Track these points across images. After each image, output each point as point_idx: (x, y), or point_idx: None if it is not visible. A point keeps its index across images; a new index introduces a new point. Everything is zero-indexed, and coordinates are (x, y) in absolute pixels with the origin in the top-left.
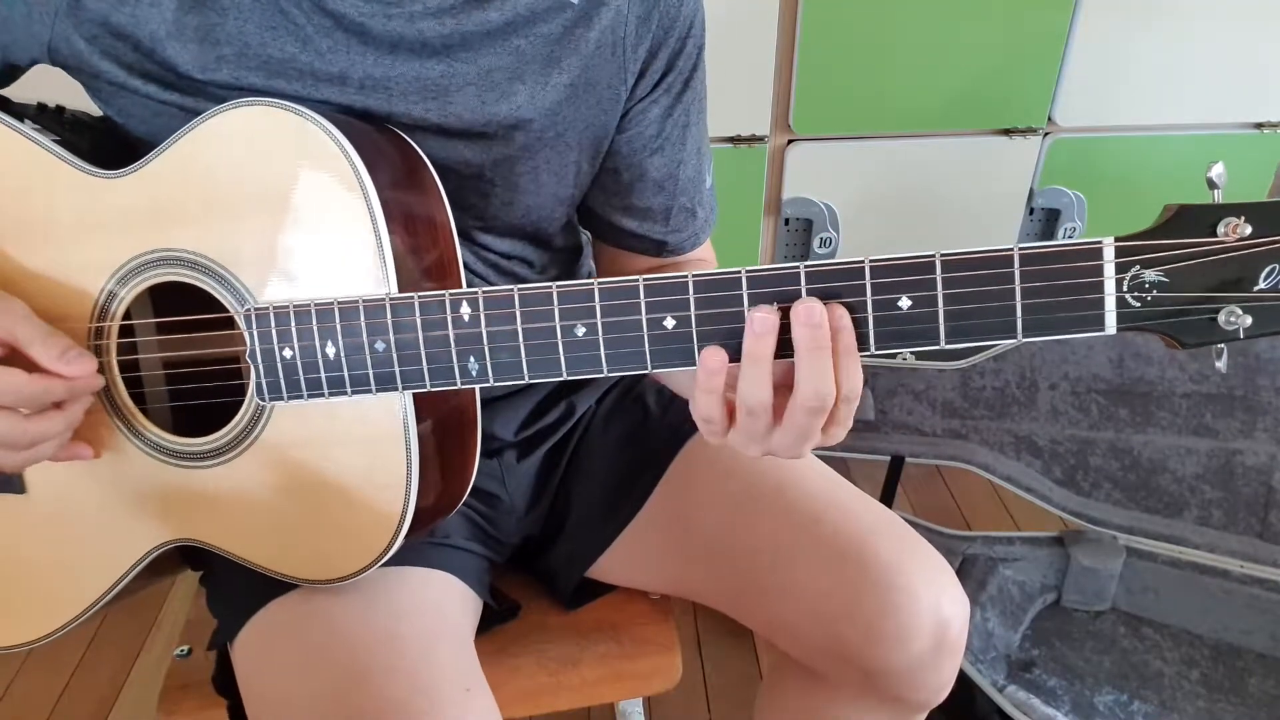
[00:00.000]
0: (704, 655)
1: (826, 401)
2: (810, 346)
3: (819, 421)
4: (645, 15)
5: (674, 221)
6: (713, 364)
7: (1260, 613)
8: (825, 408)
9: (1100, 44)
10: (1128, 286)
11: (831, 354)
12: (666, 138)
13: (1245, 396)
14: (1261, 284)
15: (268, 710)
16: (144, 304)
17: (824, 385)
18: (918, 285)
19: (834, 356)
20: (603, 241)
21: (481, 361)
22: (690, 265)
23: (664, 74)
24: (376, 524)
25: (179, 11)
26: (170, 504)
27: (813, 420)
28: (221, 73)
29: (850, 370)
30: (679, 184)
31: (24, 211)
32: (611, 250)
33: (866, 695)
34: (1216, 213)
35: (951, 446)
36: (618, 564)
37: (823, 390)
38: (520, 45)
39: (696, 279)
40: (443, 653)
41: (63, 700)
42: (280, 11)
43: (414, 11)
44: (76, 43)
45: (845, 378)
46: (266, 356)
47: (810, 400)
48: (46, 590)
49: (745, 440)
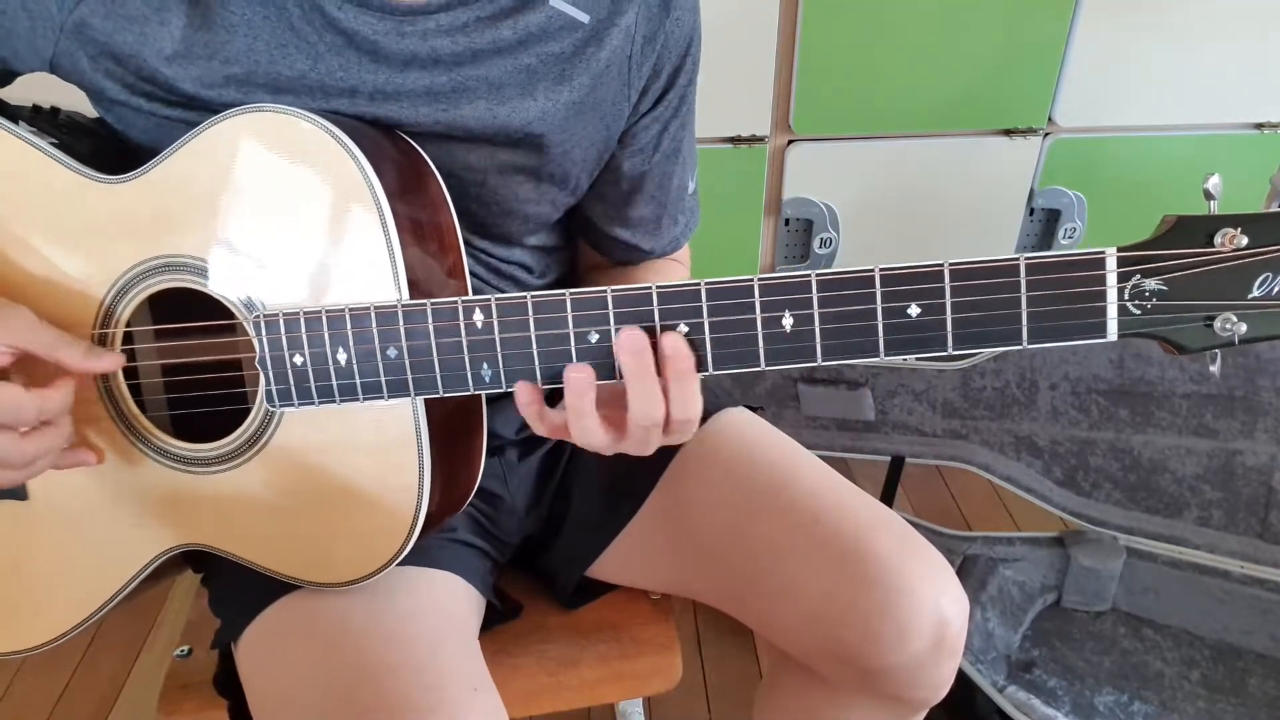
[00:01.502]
0: (704, 655)
1: (656, 421)
2: (635, 373)
3: (656, 433)
4: (651, 35)
5: (662, 229)
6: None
7: (1260, 613)
8: (657, 425)
9: (1100, 44)
10: (1129, 295)
11: (661, 378)
12: (664, 151)
13: (1245, 397)
14: (1256, 292)
15: (272, 710)
16: (145, 311)
17: (653, 409)
18: (926, 293)
19: (665, 380)
20: (592, 248)
21: (495, 368)
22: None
23: (665, 91)
24: (388, 527)
25: (188, 29)
26: (178, 509)
27: (649, 434)
28: (229, 90)
29: (681, 395)
30: (669, 194)
31: (24, 217)
32: (595, 254)
33: (866, 694)
34: (1214, 223)
35: (952, 447)
36: (618, 563)
37: (652, 413)
38: (531, 63)
39: (710, 286)
40: (449, 652)
41: (63, 700)
42: (291, 29)
43: (427, 29)
44: (80, 60)
45: (676, 402)
46: (276, 363)
47: (642, 420)
48: (50, 596)
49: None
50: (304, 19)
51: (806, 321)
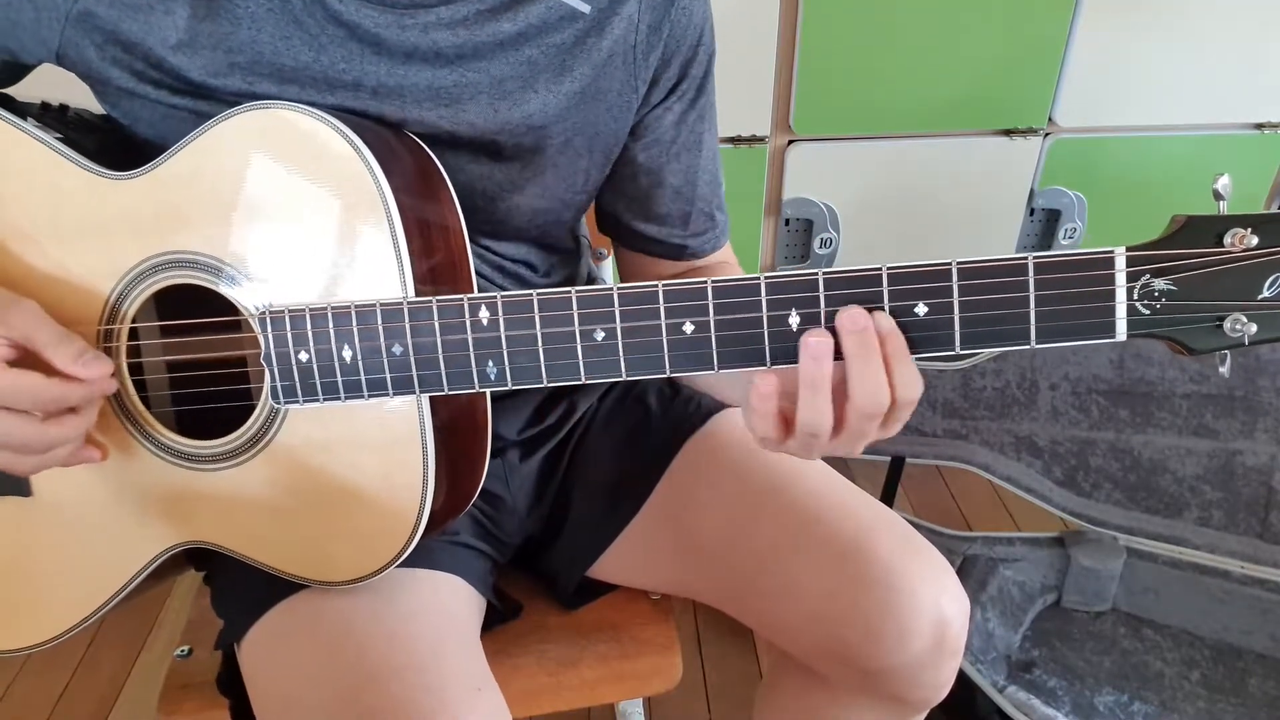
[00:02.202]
0: (704, 655)
1: (882, 407)
2: (859, 353)
3: (875, 424)
4: (656, 24)
5: (693, 226)
6: (765, 389)
7: (1260, 613)
8: (881, 412)
9: (1101, 44)
10: (1138, 295)
11: (883, 359)
12: (683, 144)
13: (1246, 397)
14: (1266, 293)
15: (276, 710)
16: (151, 307)
17: (879, 392)
18: (934, 292)
19: (885, 361)
20: (625, 247)
21: (500, 366)
22: (713, 268)
23: (677, 82)
24: (392, 526)
25: (192, 19)
26: (182, 506)
27: (869, 424)
28: (234, 79)
29: (903, 374)
30: (697, 190)
31: (32, 213)
32: (633, 255)
33: (866, 694)
34: (1224, 223)
35: (952, 447)
36: (618, 564)
37: (879, 397)
38: (533, 55)
39: (715, 285)
40: (452, 653)
41: (63, 700)
42: (294, 21)
43: (428, 22)
44: (86, 50)
45: (900, 382)
46: (282, 360)
47: (868, 407)
48: (53, 593)
49: (803, 451)
50: (306, 11)
51: (813, 320)
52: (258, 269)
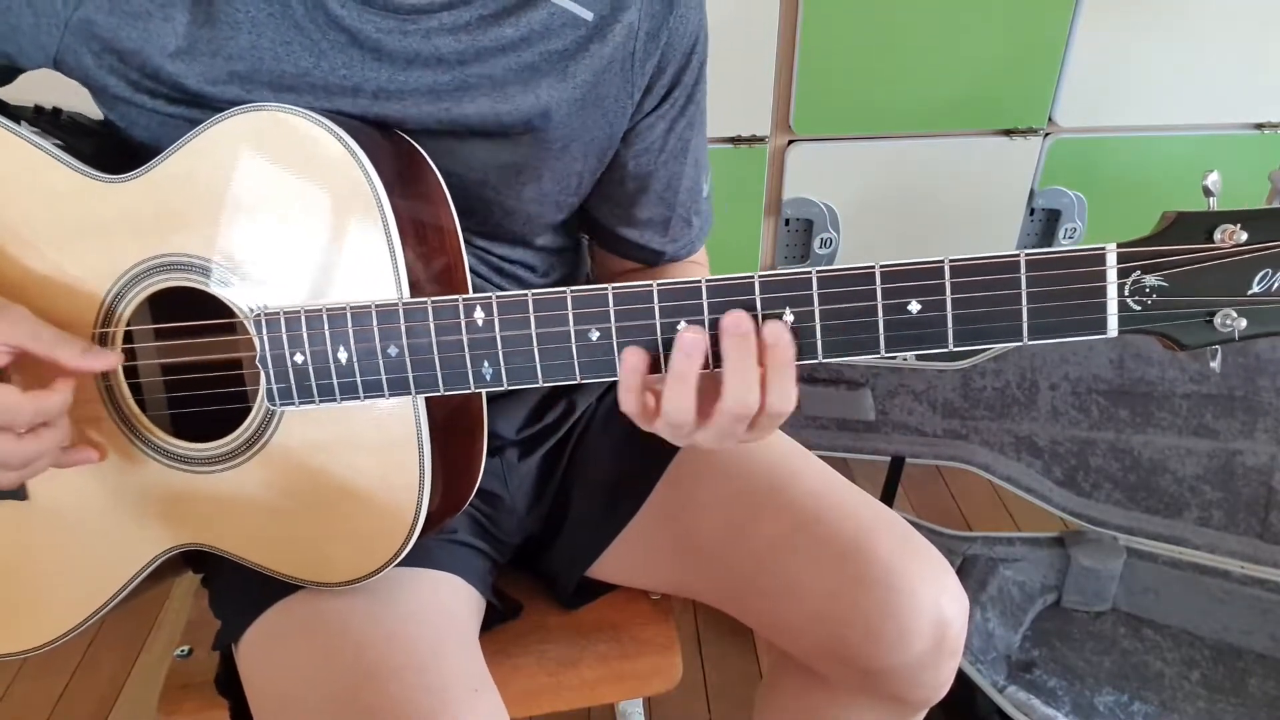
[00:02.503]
0: (704, 655)
1: (750, 410)
2: (735, 356)
3: (742, 425)
4: (654, 32)
5: (672, 231)
6: (631, 362)
7: (1261, 613)
8: (748, 415)
9: (1101, 44)
10: (1129, 291)
11: (760, 366)
12: (671, 151)
13: (1245, 397)
14: (1255, 287)
15: (274, 711)
16: (146, 310)
17: (748, 395)
18: (927, 290)
19: (763, 370)
20: (603, 248)
21: (495, 366)
22: (685, 268)
23: (670, 89)
24: (389, 526)
25: (191, 26)
26: (178, 509)
27: (736, 424)
28: (231, 87)
29: (778, 386)
30: (678, 196)
31: (26, 217)
32: (609, 257)
33: (866, 694)
34: (1214, 219)
35: (952, 447)
36: (618, 563)
37: (748, 400)
38: (534, 60)
39: (710, 284)
40: (450, 653)
41: (63, 700)
42: (295, 26)
43: (430, 28)
44: (83, 57)
45: (773, 393)
46: (277, 361)
47: (735, 409)
48: (50, 596)
49: (670, 435)
50: (307, 16)
51: (807, 318)
52: (252, 271)
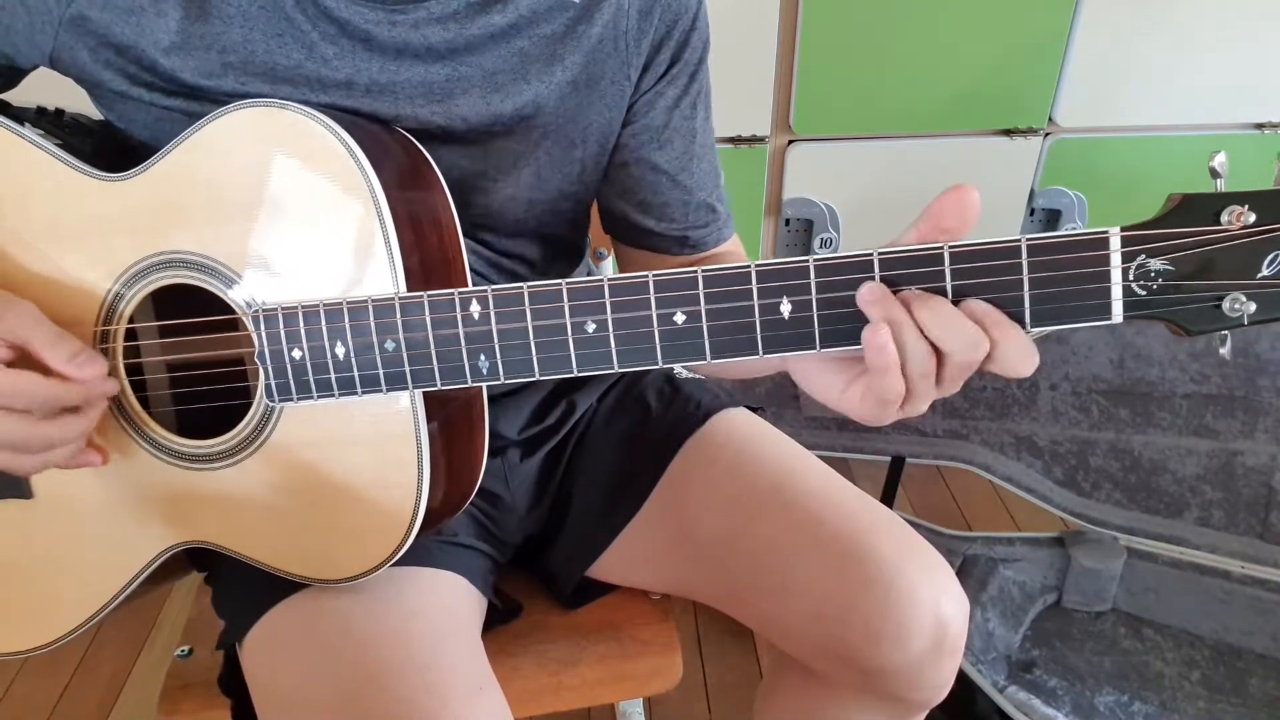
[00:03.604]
0: (704, 655)
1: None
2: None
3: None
4: (647, 9)
5: (693, 217)
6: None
7: (1261, 614)
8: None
9: (1101, 44)
10: (1134, 275)
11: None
12: (675, 129)
13: (1246, 397)
14: (1265, 271)
15: (278, 710)
16: (147, 307)
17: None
18: (927, 277)
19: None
20: (628, 244)
21: (492, 359)
22: (720, 258)
23: (669, 66)
24: (388, 523)
25: (185, 20)
26: (180, 506)
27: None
28: (227, 80)
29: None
30: (695, 178)
31: (28, 215)
32: (636, 252)
33: (865, 695)
34: (1220, 201)
35: (952, 447)
36: (618, 563)
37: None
38: (524, 46)
39: (706, 274)
40: (453, 652)
41: (63, 700)
42: (285, 19)
43: (419, 18)
44: (79, 53)
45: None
46: (275, 358)
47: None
48: (53, 596)
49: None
50: (298, 8)
51: (805, 307)
52: (250, 267)
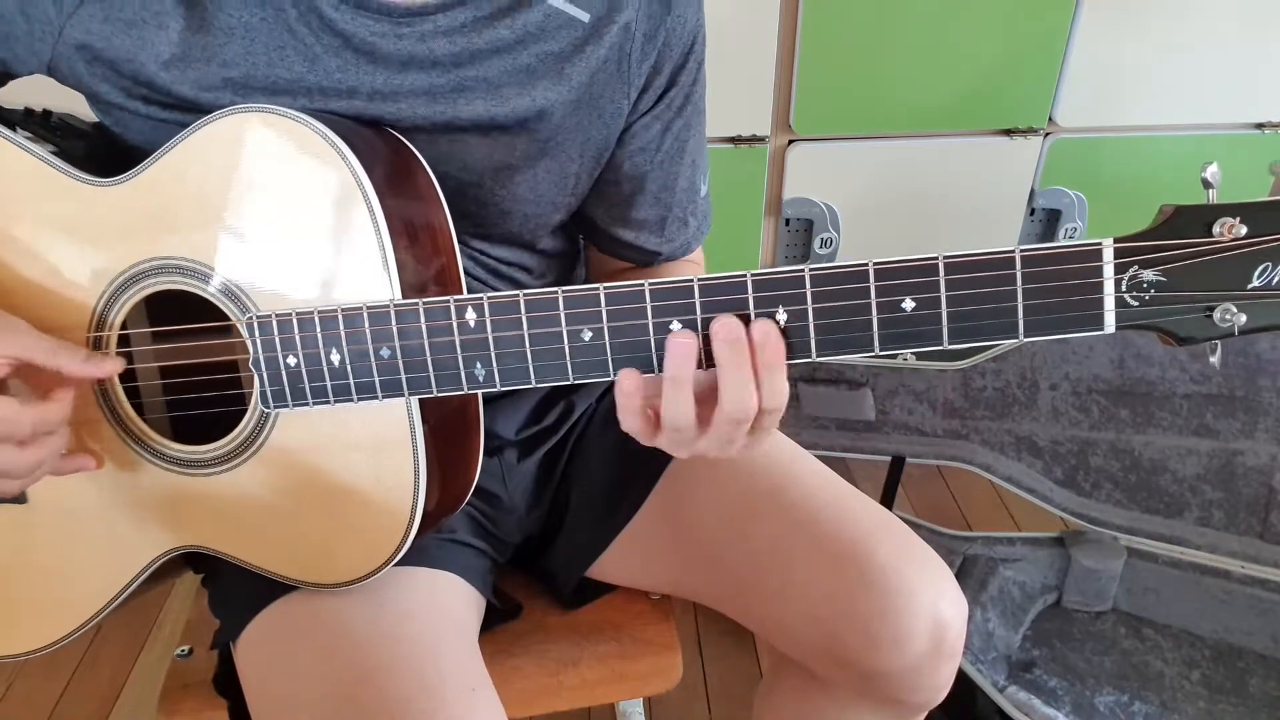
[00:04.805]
0: (704, 655)
1: (748, 414)
2: (731, 361)
3: (743, 430)
4: (652, 33)
5: (668, 232)
6: (628, 387)
7: (1261, 614)
8: (748, 419)
9: (1101, 44)
10: (1126, 286)
11: (753, 368)
12: (667, 152)
13: (1246, 397)
14: (1256, 282)
15: (272, 710)
16: (140, 313)
17: (746, 399)
18: (921, 287)
19: (755, 370)
20: (597, 249)
21: (488, 367)
22: (680, 268)
23: (666, 89)
24: (384, 527)
25: (185, 33)
26: (175, 511)
27: (736, 429)
28: (225, 94)
29: (771, 384)
30: (674, 196)
31: (17, 221)
32: (604, 258)
33: (864, 696)
34: (1212, 213)
35: (952, 447)
36: (617, 564)
37: (745, 404)
38: (530, 62)
39: (702, 283)
40: (449, 652)
41: (63, 700)
42: (288, 30)
43: (425, 31)
44: (77, 65)
45: (767, 391)
46: (270, 364)
47: (734, 413)
48: (49, 599)
49: (672, 446)
50: (301, 20)
51: (800, 317)
52: (244, 273)
